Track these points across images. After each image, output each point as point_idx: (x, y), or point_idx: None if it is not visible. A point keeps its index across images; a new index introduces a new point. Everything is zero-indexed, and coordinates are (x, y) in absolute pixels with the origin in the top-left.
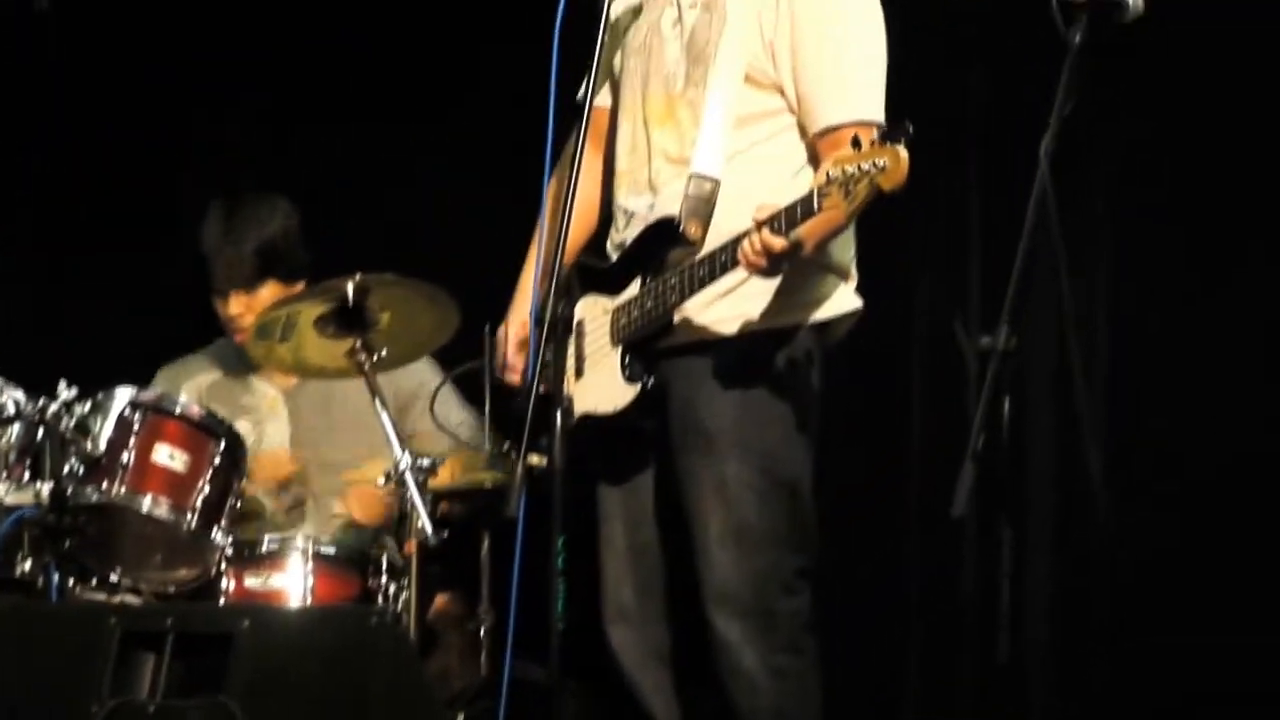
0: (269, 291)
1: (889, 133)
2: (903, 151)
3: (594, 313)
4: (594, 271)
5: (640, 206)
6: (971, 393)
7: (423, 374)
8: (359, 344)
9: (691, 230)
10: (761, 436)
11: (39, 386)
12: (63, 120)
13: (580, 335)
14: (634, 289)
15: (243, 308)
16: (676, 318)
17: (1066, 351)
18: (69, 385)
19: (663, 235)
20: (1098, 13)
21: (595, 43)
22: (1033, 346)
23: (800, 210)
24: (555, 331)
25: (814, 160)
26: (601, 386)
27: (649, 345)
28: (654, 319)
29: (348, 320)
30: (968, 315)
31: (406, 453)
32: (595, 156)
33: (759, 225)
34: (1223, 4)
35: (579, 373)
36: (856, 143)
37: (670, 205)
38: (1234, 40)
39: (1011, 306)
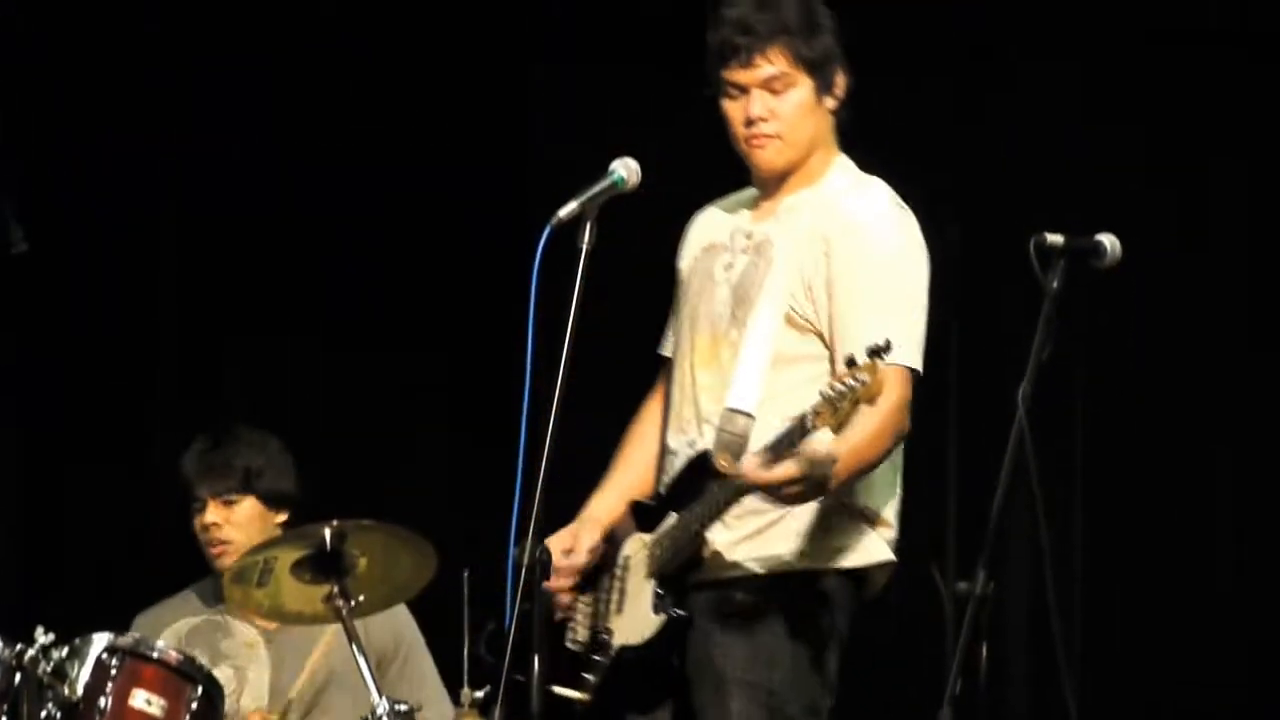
0: (248, 508)
1: (878, 350)
2: (881, 364)
3: (636, 548)
4: (645, 510)
5: (682, 445)
6: (949, 637)
7: (397, 629)
8: (336, 589)
9: (722, 463)
10: (769, 676)
11: (16, 632)
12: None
13: (626, 571)
14: (670, 522)
15: (220, 518)
16: (706, 552)
17: (1043, 596)
18: (46, 631)
19: (701, 469)
20: (1075, 258)
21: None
22: (1009, 591)
23: (799, 431)
24: (534, 575)
25: None
26: (635, 619)
27: (682, 579)
28: (681, 546)
29: (325, 566)
30: (944, 559)
31: (384, 698)
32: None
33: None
34: (1194, 247)
35: (620, 608)
36: (850, 362)
37: (711, 443)
38: (1203, 284)
39: (988, 551)
